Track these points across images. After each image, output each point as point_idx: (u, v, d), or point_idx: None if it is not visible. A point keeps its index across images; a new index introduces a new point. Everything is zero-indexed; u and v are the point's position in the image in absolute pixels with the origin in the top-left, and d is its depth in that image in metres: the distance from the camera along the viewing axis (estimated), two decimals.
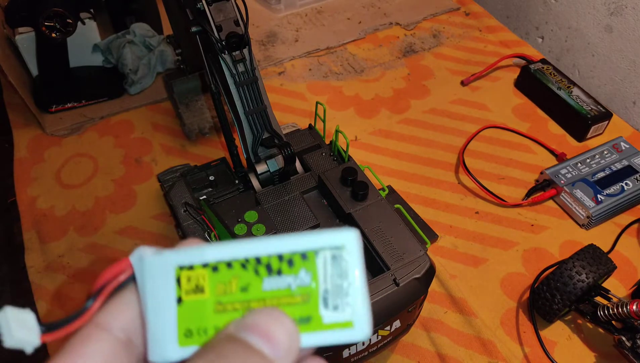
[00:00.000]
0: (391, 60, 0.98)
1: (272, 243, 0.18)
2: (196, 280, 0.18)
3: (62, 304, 0.64)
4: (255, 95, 0.57)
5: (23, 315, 0.17)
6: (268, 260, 0.18)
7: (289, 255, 0.18)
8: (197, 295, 0.18)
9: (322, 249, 0.18)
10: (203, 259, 0.18)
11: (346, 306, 0.18)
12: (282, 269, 0.18)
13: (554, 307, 0.58)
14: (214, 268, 0.18)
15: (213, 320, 0.18)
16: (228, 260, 0.18)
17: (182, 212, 0.60)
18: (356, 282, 0.18)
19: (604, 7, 0.92)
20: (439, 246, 0.70)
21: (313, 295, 0.18)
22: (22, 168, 0.79)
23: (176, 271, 0.18)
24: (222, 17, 0.56)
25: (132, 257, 0.19)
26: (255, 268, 0.18)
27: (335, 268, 0.18)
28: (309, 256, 0.18)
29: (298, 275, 0.18)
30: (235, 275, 0.18)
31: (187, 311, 0.18)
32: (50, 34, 0.76)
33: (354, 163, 0.60)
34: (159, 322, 0.18)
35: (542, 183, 0.75)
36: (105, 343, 0.17)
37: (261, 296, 0.18)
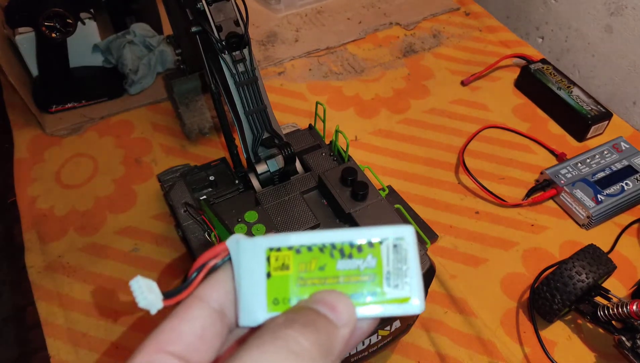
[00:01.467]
0: (391, 60, 0.98)
1: (346, 233, 0.22)
2: (283, 259, 0.22)
3: (62, 304, 0.64)
4: (255, 95, 0.57)
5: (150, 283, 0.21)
6: (341, 246, 0.22)
7: (358, 242, 0.22)
8: (283, 271, 0.22)
9: (385, 239, 0.22)
10: (288, 243, 0.22)
11: (405, 285, 0.21)
12: (352, 254, 0.22)
13: (554, 307, 0.58)
14: (297, 250, 0.22)
15: (296, 291, 0.21)
16: (309, 245, 0.22)
17: (182, 212, 0.60)
18: (413, 266, 0.22)
19: (604, 7, 0.92)
20: (439, 246, 0.70)
21: (378, 275, 0.22)
22: (22, 168, 0.79)
23: (266, 251, 0.22)
24: (222, 17, 0.56)
25: (229, 241, 0.23)
26: (331, 252, 0.22)
27: (396, 255, 0.22)
28: (375, 244, 0.22)
29: (366, 258, 0.22)
30: (314, 256, 0.22)
31: (274, 284, 0.22)
32: (50, 34, 0.76)
33: (354, 163, 0.60)
34: (251, 292, 0.21)
35: (542, 183, 0.75)
36: (203, 312, 0.21)
37: (335, 274, 0.22)
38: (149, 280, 0.21)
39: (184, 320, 0.21)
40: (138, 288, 0.20)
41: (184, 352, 0.20)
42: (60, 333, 0.61)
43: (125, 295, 0.65)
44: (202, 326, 0.21)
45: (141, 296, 0.20)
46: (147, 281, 0.21)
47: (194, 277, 0.22)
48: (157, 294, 0.21)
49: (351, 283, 0.21)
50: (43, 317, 0.63)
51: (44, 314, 0.63)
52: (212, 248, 0.23)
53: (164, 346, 0.20)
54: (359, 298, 0.21)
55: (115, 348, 0.60)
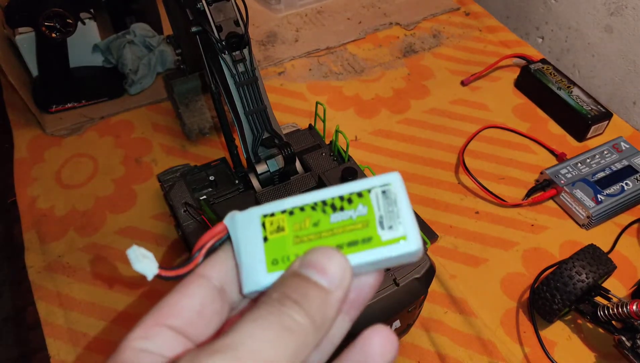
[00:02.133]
0: (391, 60, 0.98)
1: (335, 189, 0.23)
2: (277, 223, 0.22)
3: (62, 304, 0.64)
4: (255, 95, 0.57)
5: (146, 253, 0.22)
6: (332, 201, 0.23)
7: (347, 195, 0.23)
8: (279, 233, 0.22)
9: (373, 187, 0.22)
10: (281, 207, 0.23)
11: (399, 225, 0.22)
12: (343, 206, 0.22)
13: (554, 307, 0.58)
14: (290, 212, 0.23)
15: (293, 249, 0.22)
16: (300, 206, 0.23)
17: (182, 212, 0.60)
18: (404, 207, 0.22)
19: (604, 7, 0.92)
20: (439, 246, 0.70)
21: (371, 220, 0.22)
22: (22, 168, 0.79)
23: (261, 218, 0.23)
24: (222, 17, 0.56)
25: (226, 219, 0.23)
26: (322, 208, 0.22)
27: (386, 199, 0.22)
28: (364, 194, 0.22)
29: (357, 208, 0.22)
30: (307, 215, 0.22)
31: (272, 246, 0.22)
32: (50, 34, 0.76)
33: (354, 163, 0.60)
34: (251, 259, 0.22)
35: (542, 183, 0.75)
36: (203, 288, 0.21)
37: (330, 227, 0.22)
38: (145, 249, 0.22)
39: (183, 295, 0.21)
40: (134, 255, 0.21)
41: (183, 327, 0.20)
42: (60, 333, 0.61)
43: (125, 296, 0.65)
44: (201, 302, 0.21)
45: (136, 260, 0.21)
46: (143, 250, 0.22)
47: (195, 256, 0.23)
48: (153, 261, 0.22)
49: (346, 233, 0.22)
50: (43, 317, 0.63)
51: (44, 314, 0.63)
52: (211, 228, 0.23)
53: (163, 320, 0.20)
54: (355, 245, 0.22)
55: (115, 348, 0.60)
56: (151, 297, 0.64)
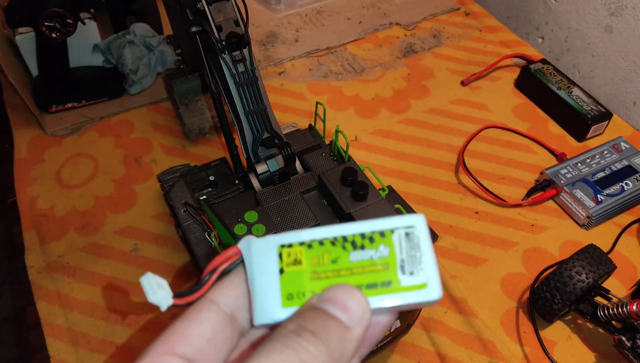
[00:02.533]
0: (391, 60, 0.98)
1: (358, 225, 0.22)
2: (295, 255, 0.22)
3: (62, 304, 0.64)
4: (255, 95, 0.57)
5: (160, 281, 0.21)
6: (353, 237, 0.22)
7: (369, 233, 0.22)
8: (296, 266, 0.22)
9: (397, 228, 0.22)
10: (300, 239, 0.22)
11: (420, 272, 0.21)
12: (364, 244, 0.22)
13: (554, 307, 0.58)
14: (309, 245, 0.22)
15: (310, 285, 0.21)
16: (320, 239, 0.22)
17: (182, 212, 0.60)
18: (427, 253, 0.21)
19: (604, 7, 0.92)
20: (439, 246, 0.70)
21: (392, 263, 0.21)
22: (22, 168, 0.79)
23: (278, 248, 0.22)
24: (222, 17, 0.56)
25: (241, 243, 0.22)
26: (342, 244, 0.22)
27: (409, 242, 0.22)
28: (387, 234, 0.22)
29: (378, 248, 0.22)
30: (326, 250, 0.22)
31: (288, 279, 0.21)
32: (50, 34, 0.76)
33: (354, 163, 0.60)
34: (265, 290, 0.21)
35: (542, 183, 0.75)
36: (214, 314, 0.21)
37: (349, 266, 0.21)
38: (159, 277, 0.21)
39: (194, 322, 0.20)
40: (148, 284, 0.21)
41: (193, 355, 0.20)
42: (60, 333, 0.61)
43: (125, 296, 0.65)
44: (212, 329, 0.20)
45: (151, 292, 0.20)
46: (158, 278, 0.21)
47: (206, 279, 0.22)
48: (167, 291, 0.21)
49: (365, 274, 0.21)
50: (43, 317, 0.63)
51: (44, 314, 0.63)
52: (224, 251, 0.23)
53: (173, 348, 0.20)
54: (374, 288, 0.21)
55: (115, 348, 0.60)
56: None
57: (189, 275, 0.67)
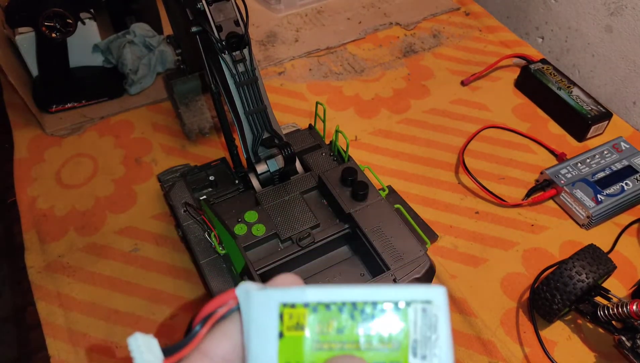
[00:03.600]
0: (391, 60, 0.98)
1: (370, 291, 0.20)
2: (297, 318, 0.20)
3: (62, 304, 0.64)
4: (255, 95, 0.57)
5: (149, 341, 0.19)
6: (363, 305, 0.19)
7: (383, 303, 0.19)
8: (297, 331, 0.19)
9: (414, 301, 0.19)
10: (305, 299, 0.20)
11: (433, 357, 0.19)
12: (375, 315, 0.19)
13: (554, 307, 0.58)
14: (314, 308, 0.20)
15: (310, 357, 0.19)
16: (327, 302, 0.20)
17: (182, 212, 0.60)
18: (443, 336, 0.19)
19: (604, 7, 0.92)
20: (439, 246, 0.70)
21: (403, 343, 0.19)
22: (22, 168, 0.79)
23: (280, 307, 0.20)
24: (222, 17, 0.56)
25: (238, 290, 0.20)
26: (351, 312, 0.19)
27: (425, 321, 0.19)
28: (401, 307, 0.19)
29: (390, 323, 0.19)
30: (333, 316, 0.19)
31: (287, 346, 0.19)
32: (50, 34, 0.76)
33: (354, 163, 0.60)
34: (261, 353, 0.19)
35: (542, 183, 0.75)
36: None
37: (355, 339, 0.19)
38: (148, 336, 0.20)
39: None
40: (137, 347, 0.19)
41: None
42: (60, 333, 0.61)
43: (124, 298, 0.65)
44: None
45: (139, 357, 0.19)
46: (147, 338, 0.19)
47: (197, 330, 0.20)
48: (157, 353, 0.19)
49: (372, 351, 0.19)
50: (43, 317, 0.63)
51: (44, 314, 0.63)
52: (219, 296, 0.21)
53: None
54: None
55: (115, 348, 0.60)
56: (151, 297, 0.64)
57: (189, 275, 0.67)
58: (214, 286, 0.54)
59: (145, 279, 0.66)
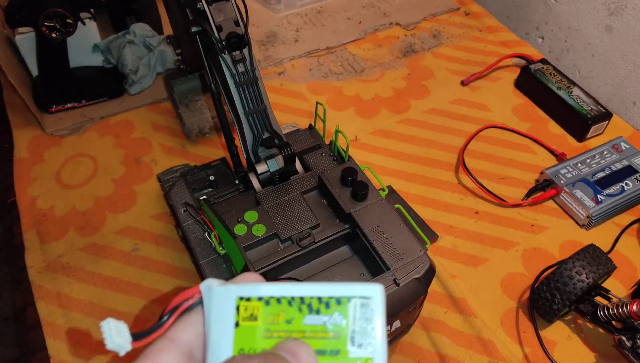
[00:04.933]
0: (391, 60, 0.98)
1: (316, 288, 0.22)
2: (252, 310, 0.22)
3: (62, 304, 0.64)
4: (255, 95, 0.57)
5: (119, 326, 0.22)
6: (310, 300, 0.22)
7: (327, 298, 0.22)
8: (251, 322, 0.22)
9: (354, 297, 0.22)
10: (259, 294, 0.22)
11: (369, 346, 0.22)
12: (320, 309, 0.22)
13: (554, 307, 0.58)
14: (267, 302, 0.22)
15: (262, 343, 0.22)
16: (278, 297, 0.22)
17: (182, 212, 0.60)
18: (378, 327, 0.22)
19: (604, 7, 0.92)
20: (439, 246, 0.70)
21: (343, 333, 0.22)
22: (22, 168, 0.79)
23: (237, 300, 0.22)
24: (222, 17, 0.56)
25: (202, 285, 0.23)
26: (299, 306, 0.22)
27: (363, 314, 0.22)
28: (343, 301, 0.22)
29: (333, 315, 0.22)
30: (282, 309, 0.22)
31: (242, 334, 0.22)
32: (50, 34, 0.76)
33: (354, 163, 0.60)
34: (219, 340, 0.22)
35: (542, 183, 0.75)
36: (173, 354, 0.21)
37: (301, 329, 0.22)
38: (119, 322, 0.22)
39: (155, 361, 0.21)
40: (108, 330, 0.21)
41: None
42: (60, 333, 0.61)
43: (124, 298, 0.65)
44: None
45: (110, 339, 0.21)
46: (118, 323, 0.21)
47: (164, 320, 0.23)
48: (126, 336, 0.22)
49: (316, 339, 0.22)
50: (43, 317, 0.63)
51: (44, 314, 0.63)
52: (185, 290, 0.23)
53: None
54: (322, 354, 0.22)
55: None
56: (151, 297, 0.64)
57: (189, 275, 0.67)
58: None
59: (145, 279, 0.66)
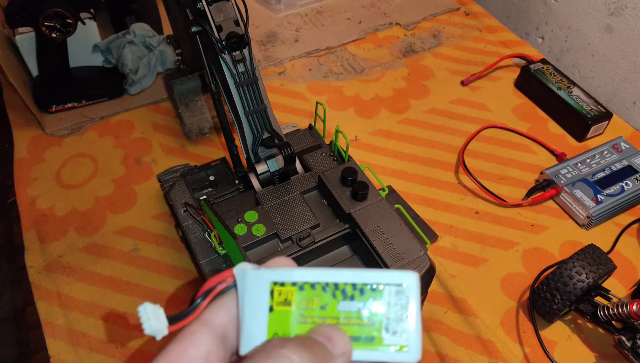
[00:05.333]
0: (391, 60, 0.98)
1: (350, 274, 0.22)
2: (286, 295, 0.22)
3: (62, 304, 0.64)
4: (255, 95, 0.57)
5: (156, 309, 0.21)
6: (344, 286, 0.22)
7: (361, 285, 0.22)
8: (285, 306, 0.22)
9: (389, 284, 0.22)
10: (293, 279, 0.22)
11: (403, 333, 0.21)
12: (354, 295, 0.22)
13: (554, 307, 0.58)
14: (301, 287, 0.22)
15: (296, 328, 0.22)
16: (312, 282, 0.22)
17: (182, 212, 0.60)
18: (413, 314, 0.22)
19: (604, 7, 0.92)
20: (439, 246, 0.70)
21: (378, 320, 0.22)
22: (22, 168, 0.79)
23: (270, 285, 0.22)
24: (222, 17, 0.56)
25: (236, 269, 0.23)
26: (333, 292, 0.22)
27: (398, 301, 0.22)
28: (378, 288, 0.22)
29: (367, 302, 0.22)
30: (317, 295, 0.22)
31: (276, 318, 0.22)
32: (50, 34, 0.76)
33: (354, 163, 0.60)
34: (253, 324, 0.22)
35: (542, 183, 0.75)
36: (207, 336, 0.22)
37: (336, 315, 0.22)
38: (156, 305, 0.22)
39: (190, 344, 0.21)
40: (145, 315, 0.21)
41: None
42: (60, 333, 0.61)
43: (124, 298, 0.65)
44: (207, 350, 0.21)
45: (147, 323, 0.21)
46: (154, 307, 0.21)
47: (199, 302, 0.23)
48: (163, 321, 0.21)
49: (350, 325, 0.22)
50: (43, 317, 0.63)
51: (44, 314, 0.63)
52: (219, 273, 0.23)
53: None
54: (356, 340, 0.21)
55: (115, 348, 0.60)
56: (151, 297, 0.64)
57: (189, 275, 0.67)
58: None
59: (145, 279, 0.66)
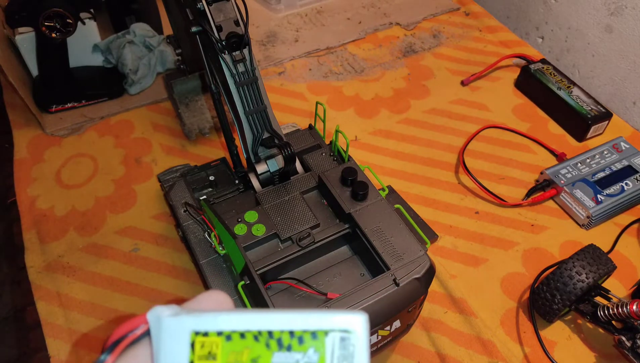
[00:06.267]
0: (391, 60, 0.98)
1: (286, 318, 0.19)
2: (209, 347, 0.19)
3: (62, 304, 0.64)
4: (255, 95, 0.57)
5: None
6: (280, 334, 0.19)
7: (300, 332, 0.19)
8: (209, 361, 0.18)
9: (332, 330, 0.18)
10: (218, 327, 0.19)
11: None
12: (292, 345, 0.18)
13: (554, 307, 0.58)
14: (228, 337, 0.19)
15: None
16: (242, 331, 0.19)
17: (182, 212, 0.60)
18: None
19: (604, 7, 0.92)
20: (439, 246, 0.70)
21: None
22: (22, 168, 0.79)
23: (191, 335, 0.19)
24: (222, 17, 0.56)
25: (149, 315, 0.20)
26: (267, 341, 0.18)
27: (342, 351, 0.18)
28: (319, 335, 0.18)
29: (307, 352, 0.18)
30: (247, 345, 0.18)
31: None
32: (50, 34, 0.76)
33: (354, 163, 0.60)
34: None
35: (542, 183, 0.75)
36: None
37: None
38: None
39: None
40: None
41: None
42: (60, 333, 0.61)
43: (124, 298, 0.65)
44: None
45: None
46: None
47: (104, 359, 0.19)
48: None
49: None
50: (43, 317, 0.63)
51: (44, 314, 0.63)
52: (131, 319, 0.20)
53: None
54: None
55: None
56: (151, 297, 0.64)
57: (189, 275, 0.67)
58: (213, 287, 0.54)
59: (145, 279, 0.66)
